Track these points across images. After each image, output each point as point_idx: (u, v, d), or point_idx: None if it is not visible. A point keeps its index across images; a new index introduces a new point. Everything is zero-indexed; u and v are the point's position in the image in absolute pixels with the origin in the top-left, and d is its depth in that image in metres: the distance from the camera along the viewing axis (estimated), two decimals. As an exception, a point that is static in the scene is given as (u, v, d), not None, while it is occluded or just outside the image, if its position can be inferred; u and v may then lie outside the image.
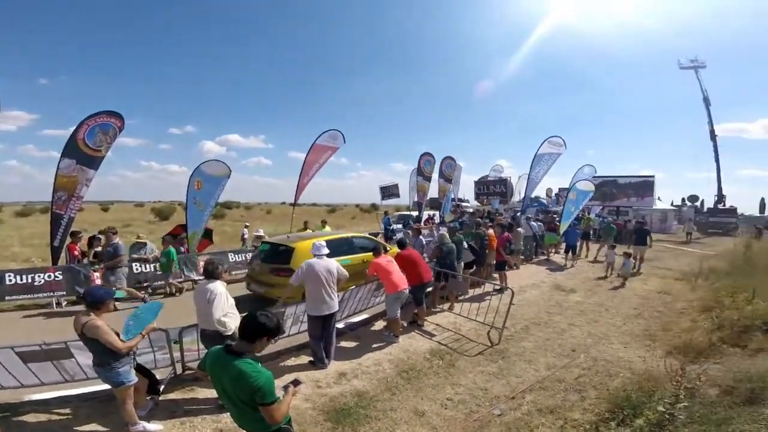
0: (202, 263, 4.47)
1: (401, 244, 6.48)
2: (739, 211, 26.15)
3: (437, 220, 17.08)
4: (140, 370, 3.62)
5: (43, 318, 6.57)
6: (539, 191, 26.96)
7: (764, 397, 3.07)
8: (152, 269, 8.43)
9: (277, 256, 6.88)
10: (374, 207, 20.60)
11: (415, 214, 17.12)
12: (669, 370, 3.35)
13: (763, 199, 29.56)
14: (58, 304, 7.17)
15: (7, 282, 7.03)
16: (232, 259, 9.73)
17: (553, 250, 13.40)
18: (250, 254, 10.00)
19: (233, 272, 9.52)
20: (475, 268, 8.47)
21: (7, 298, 6.99)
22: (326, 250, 4.90)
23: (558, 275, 10.39)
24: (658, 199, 26.10)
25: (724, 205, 28.23)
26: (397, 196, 16.10)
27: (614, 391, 3.81)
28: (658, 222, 22.43)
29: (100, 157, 7.64)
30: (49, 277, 7.30)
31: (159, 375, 3.99)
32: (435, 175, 16.50)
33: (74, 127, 7.36)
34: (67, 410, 3.70)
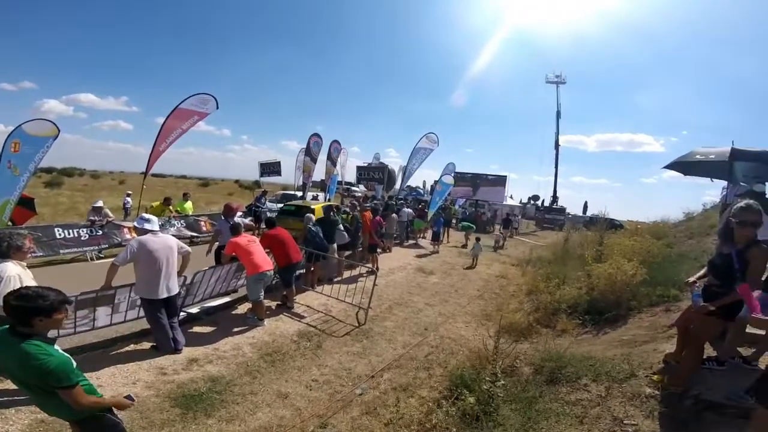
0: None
1: (269, 223, 6.21)
2: (567, 211, 32.65)
3: (322, 201, 16.98)
4: None
5: None
6: (415, 181, 29.03)
7: (563, 376, 3.70)
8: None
9: (300, 216, 8.25)
10: (257, 184, 19.31)
11: (299, 194, 16.69)
12: (495, 350, 3.92)
13: (586, 202, 37.38)
14: None
15: None
16: (60, 234, 7.95)
17: (421, 235, 14.74)
18: (84, 230, 8.36)
19: (63, 251, 7.86)
20: (350, 250, 8.70)
21: None
22: (157, 225, 4.34)
23: (422, 259, 11.40)
24: (510, 197, 30.84)
25: (557, 205, 34.82)
26: (278, 173, 15.41)
27: (452, 369, 4.29)
28: (505, 216, 26.56)
29: None
30: None
31: None
32: (323, 157, 16.32)
33: None
34: None
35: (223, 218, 6.30)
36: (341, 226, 8.05)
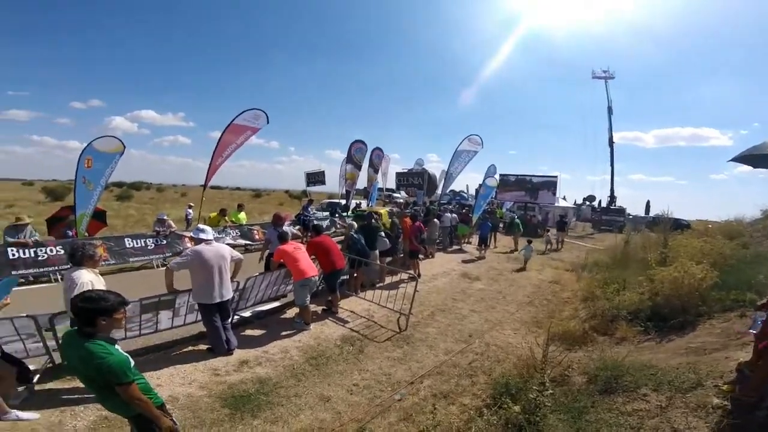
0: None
1: (316, 230, 6.43)
2: (627, 211, 30.34)
3: (365, 208, 17.24)
4: (7, 358, 3.31)
5: None
6: (458, 185, 28.52)
7: (619, 386, 3.46)
8: (31, 254, 7.29)
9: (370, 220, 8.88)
10: (305, 193, 20.09)
11: (343, 202, 17.10)
12: (543, 358, 3.72)
13: (648, 201, 34.59)
14: None
15: None
16: (130, 244, 8.78)
17: (465, 240, 14.40)
18: (151, 239, 9.16)
19: (131, 259, 8.66)
20: (391, 256, 8.74)
21: None
22: (211, 235, 4.61)
23: (467, 264, 11.14)
24: (563, 198, 29.25)
25: (614, 206, 32.50)
26: (323, 182, 15.92)
27: (498, 377, 4.13)
28: (558, 218, 25.21)
29: None
30: None
31: (34, 365, 3.66)
32: (365, 165, 16.62)
33: None
34: None
35: (272, 227, 6.64)
36: (382, 233, 8.12)
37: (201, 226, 4.79)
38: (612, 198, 34.44)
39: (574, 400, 3.39)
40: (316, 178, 15.95)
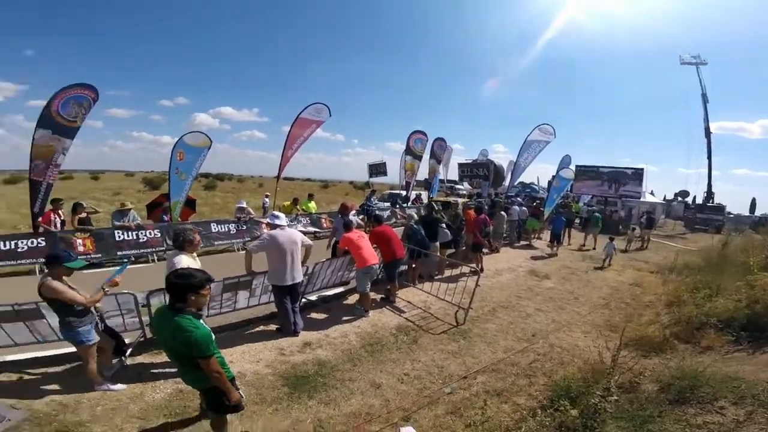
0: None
1: (377, 220, 6.60)
2: (728, 210, 26.35)
3: (425, 200, 17.18)
4: (108, 332, 3.75)
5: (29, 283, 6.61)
6: (527, 177, 26.95)
7: (694, 396, 3.15)
8: (134, 237, 8.48)
9: (447, 208, 10.35)
10: (367, 184, 20.62)
11: (403, 193, 17.21)
12: (613, 362, 3.46)
13: (753, 199, 29.80)
14: (41, 271, 7.06)
15: None
16: (215, 229, 9.79)
17: (536, 236, 13.61)
18: (233, 225, 10.10)
19: (216, 242, 9.62)
20: (454, 248, 8.62)
21: None
22: (285, 221, 4.95)
23: (536, 261, 10.57)
24: (650, 192, 26.23)
25: (712, 203, 28.42)
26: (385, 173, 16.17)
27: (559, 379, 3.93)
28: (645, 215, 22.79)
29: (76, 128, 7.79)
30: (33, 243, 7.36)
31: (129, 339, 4.14)
32: (426, 156, 16.51)
33: (49, 99, 7.38)
34: (39, 371, 3.84)
35: (339, 216, 7.00)
36: (444, 224, 8.05)
37: (276, 212, 5.16)
38: (709, 194, 30.15)
39: (639, 408, 3.13)
40: (378, 169, 16.25)
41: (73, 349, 3.53)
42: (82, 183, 38.32)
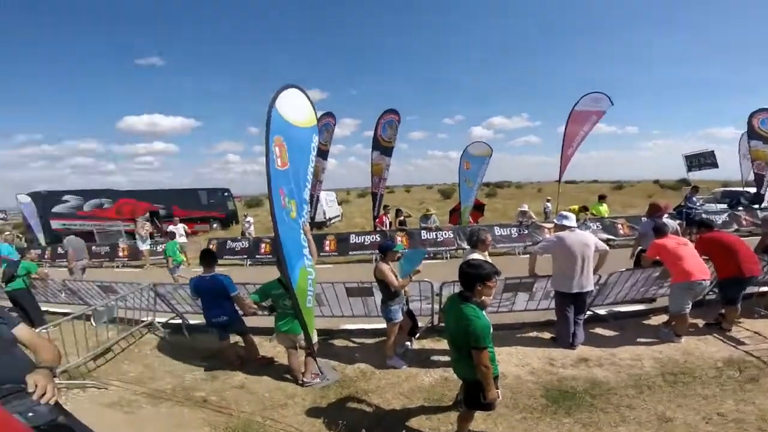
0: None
1: (705, 225, 4.95)
2: None
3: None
4: (409, 314, 4.35)
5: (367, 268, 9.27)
6: None
7: None
8: (434, 236, 10.21)
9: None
10: (685, 182, 16.13)
11: (752, 190, 12.29)
12: None
13: None
14: (376, 259, 10.02)
15: (351, 241, 10.55)
16: (498, 232, 10.32)
17: None
18: (514, 229, 10.31)
19: (498, 245, 10.10)
20: None
21: (350, 253, 10.50)
22: (574, 222, 4.43)
23: None
24: None
25: None
26: (714, 165, 11.90)
27: None
28: None
29: (391, 147, 10.33)
30: (373, 238, 10.39)
31: (421, 323, 4.72)
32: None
33: (374, 126, 10.30)
34: (361, 340, 4.89)
35: (647, 219, 5.78)
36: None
37: (564, 212, 4.73)
38: None
39: None
40: (701, 160, 12.15)
41: (384, 325, 4.22)
42: (399, 195, 50.86)
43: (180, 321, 5.60)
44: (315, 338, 4.01)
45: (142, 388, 4.02)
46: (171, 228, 11.59)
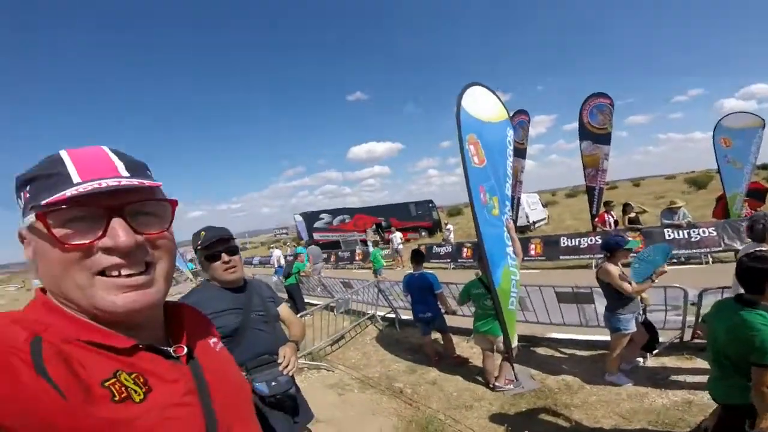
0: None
1: None
2: None
3: None
4: (647, 326, 3.61)
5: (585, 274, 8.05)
6: None
7: None
8: (685, 235, 7.92)
9: None
10: None
11: None
12: None
13: None
14: (596, 265, 8.43)
15: (561, 245, 9.43)
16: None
17: None
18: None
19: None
20: None
21: (560, 257, 9.41)
22: None
23: None
24: None
25: None
26: None
27: None
28: None
29: (607, 134, 8.82)
30: (591, 240, 8.97)
31: (663, 338, 3.83)
32: None
33: (578, 115, 9.06)
34: (571, 351, 4.26)
35: None
36: None
37: None
38: None
39: None
40: None
41: (606, 337, 3.63)
42: (626, 190, 41.86)
43: (394, 315, 6.31)
44: (515, 343, 3.72)
45: (357, 374, 4.54)
46: (391, 237, 13.50)
